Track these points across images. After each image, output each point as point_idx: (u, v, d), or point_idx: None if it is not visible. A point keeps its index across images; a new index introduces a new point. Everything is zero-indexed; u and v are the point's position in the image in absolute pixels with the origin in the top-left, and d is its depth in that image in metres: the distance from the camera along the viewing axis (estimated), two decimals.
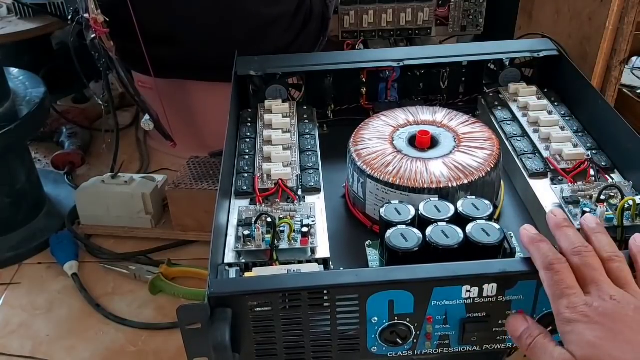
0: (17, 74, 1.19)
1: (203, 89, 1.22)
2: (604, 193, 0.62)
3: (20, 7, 1.35)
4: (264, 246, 0.60)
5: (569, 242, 0.52)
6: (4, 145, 1.07)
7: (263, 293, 0.52)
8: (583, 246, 0.51)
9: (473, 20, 1.30)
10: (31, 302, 1.04)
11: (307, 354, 0.56)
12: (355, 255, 0.64)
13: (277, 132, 0.77)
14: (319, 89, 0.87)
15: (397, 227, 0.59)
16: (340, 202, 0.73)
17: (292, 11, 1.15)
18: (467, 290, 0.53)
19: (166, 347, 0.95)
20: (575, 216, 0.61)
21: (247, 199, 0.69)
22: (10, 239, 1.15)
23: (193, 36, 1.15)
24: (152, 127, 1.14)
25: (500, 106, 0.82)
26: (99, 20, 1.00)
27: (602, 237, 0.53)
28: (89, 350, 0.95)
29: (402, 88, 0.89)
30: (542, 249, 0.51)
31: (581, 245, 0.51)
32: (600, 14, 0.96)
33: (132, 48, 1.11)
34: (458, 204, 0.61)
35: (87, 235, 1.16)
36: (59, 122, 1.43)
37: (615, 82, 1.00)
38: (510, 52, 0.87)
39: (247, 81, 0.85)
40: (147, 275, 1.05)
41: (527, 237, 0.54)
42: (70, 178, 1.30)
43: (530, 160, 0.71)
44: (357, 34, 1.28)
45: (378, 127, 0.73)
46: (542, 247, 0.52)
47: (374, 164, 0.67)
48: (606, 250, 0.51)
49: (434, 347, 0.56)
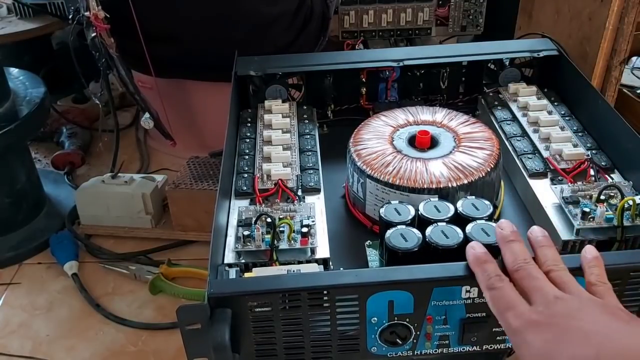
0: (17, 74, 1.19)
1: (203, 89, 1.22)
2: (604, 193, 0.62)
3: (20, 7, 1.35)
4: (264, 246, 0.60)
5: (512, 258, 0.51)
6: (4, 145, 1.07)
7: (263, 293, 0.52)
8: (524, 261, 0.50)
9: (473, 20, 1.30)
10: (31, 302, 1.04)
11: (307, 354, 0.56)
12: (355, 255, 0.64)
13: (277, 132, 0.77)
14: (319, 89, 0.87)
15: (397, 227, 0.59)
16: (340, 202, 0.73)
17: (292, 10, 1.15)
18: (467, 290, 0.53)
19: (166, 347, 0.95)
20: (575, 216, 0.61)
21: (247, 199, 0.69)
22: (10, 239, 1.15)
23: (193, 35, 1.15)
24: (152, 126, 1.13)
25: (500, 106, 0.82)
26: (100, 16, 1.00)
27: (547, 251, 0.52)
28: (89, 350, 0.95)
29: (402, 88, 0.89)
30: (486, 270, 0.50)
31: (522, 260, 0.50)
32: (600, 14, 0.96)
33: (132, 47, 1.11)
34: (458, 204, 0.61)
35: (87, 235, 1.16)
36: (59, 122, 1.43)
37: (615, 82, 1.00)
38: (510, 52, 0.87)
39: (247, 81, 0.85)
40: (147, 275, 1.05)
41: (473, 258, 0.52)
42: (70, 178, 1.30)
43: (530, 160, 0.71)
44: (357, 34, 1.28)
45: (378, 127, 0.73)
46: (487, 268, 0.51)
47: (373, 164, 0.67)
48: (548, 263, 0.51)
49: (433, 347, 0.56)
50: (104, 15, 1.01)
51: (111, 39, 1.04)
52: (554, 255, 0.51)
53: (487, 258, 0.52)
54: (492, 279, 0.50)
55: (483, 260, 0.51)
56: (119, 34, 1.06)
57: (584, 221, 0.61)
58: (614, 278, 0.54)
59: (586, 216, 0.61)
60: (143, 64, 1.13)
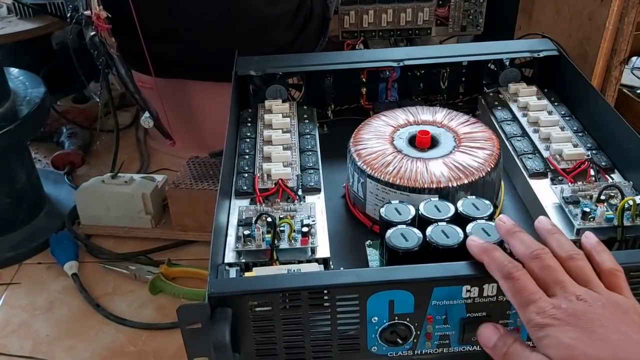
0: (17, 74, 1.19)
1: (203, 89, 1.22)
2: (604, 193, 0.62)
3: (20, 7, 1.35)
4: (264, 246, 0.60)
5: (525, 247, 0.51)
6: (4, 145, 1.07)
7: (263, 293, 0.52)
8: (540, 249, 0.50)
9: (473, 20, 1.30)
10: (31, 302, 1.04)
11: (307, 354, 0.56)
12: (355, 255, 0.64)
13: (277, 132, 0.77)
14: (319, 89, 0.87)
15: (397, 227, 0.59)
16: (340, 202, 0.73)
17: (292, 11, 1.15)
18: (467, 290, 0.53)
19: (166, 347, 0.95)
20: (576, 216, 0.61)
21: (247, 198, 0.69)
22: (10, 239, 1.15)
23: (193, 34, 1.15)
24: (152, 125, 1.13)
25: (500, 106, 0.82)
26: (102, 16, 1.00)
27: (560, 237, 0.52)
28: (89, 350, 0.95)
29: (402, 88, 0.89)
30: (497, 258, 0.50)
31: (538, 247, 0.51)
32: (600, 14, 0.96)
33: (132, 47, 1.11)
34: (458, 204, 0.61)
35: (87, 235, 1.16)
36: (59, 122, 1.42)
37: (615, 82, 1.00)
38: (510, 52, 0.87)
39: (247, 81, 0.85)
40: (147, 275, 1.05)
41: (478, 247, 0.52)
42: (70, 178, 1.30)
43: (530, 160, 0.71)
44: (357, 34, 1.28)
45: (378, 127, 0.73)
46: (497, 255, 0.51)
47: (374, 164, 0.67)
48: (565, 249, 0.51)
49: (434, 347, 0.56)
50: (105, 15, 1.01)
51: (112, 39, 1.04)
52: (569, 243, 0.52)
53: (492, 246, 0.52)
54: (507, 267, 0.49)
55: (491, 248, 0.51)
56: (119, 33, 1.06)
57: (584, 221, 0.61)
58: None
59: (586, 216, 0.61)
60: (143, 64, 1.13)
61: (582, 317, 0.46)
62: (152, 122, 1.13)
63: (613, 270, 0.50)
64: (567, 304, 0.47)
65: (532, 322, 0.47)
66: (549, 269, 0.49)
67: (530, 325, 0.47)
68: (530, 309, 0.47)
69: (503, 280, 0.50)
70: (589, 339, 0.45)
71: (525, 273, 0.49)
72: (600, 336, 0.45)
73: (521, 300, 0.48)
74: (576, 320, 0.46)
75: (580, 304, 0.47)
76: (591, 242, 0.52)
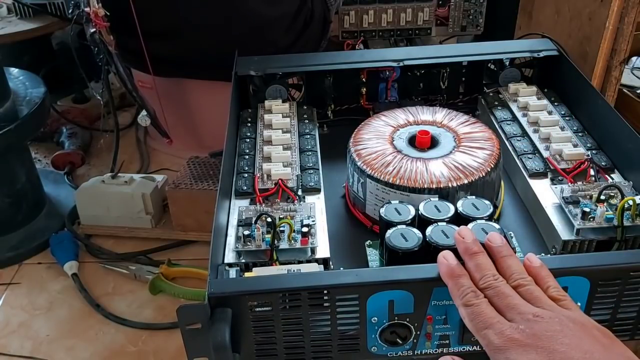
0: (17, 74, 1.19)
1: (203, 88, 1.22)
2: (604, 193, 0.62)
3: (20, 7, 1.35)
4: (264, 246, 0.60)
5: (479, 274, 0.51)
6: (4, 145, 1.07)
7: (263, 293, 0.52)
8: (492, 277, 0.50)
9: (473, 20, 1.30)
10: (31, 302, 1.04)
11: (307, 354, 0.56)
12: (355, 255, 0.64)
13: (277, 132, 0.77)
14: (319, 89, 0.87)
15: (397, 227, 0.59)
16: (340, 202, 0.73)
17: (292, 12, 1.15)
18: None
19: (166, 347, 0.95)
20: (575, 216, 0.61)
21: (247, 199, 0.69)
22: (10, 239, 1.15)
23: (193, 33, 1.15)
24: (149, 123, 1.13)
25: (500, 106, 0.82)
26: (100, 13, 1.00)
27: (510, 261, 0.52)
28: (89, 350, 0.95)
29: (402, 88, 0.89)
30: (462, 285, 0.50)
31: (490, 276, 0.50)
32: (600, 14, 0.96)
33: (131, 45, 1.11)
34: (458, 204, 0.61)
35: (87, 235, 1.16)
36: (59, 122, 1.43)
37: (615, 82, 1.00)
38: (510, 52, 0.87)
39: (247, 81, 0.85)
40: (147, 275, 1.05)
41: (446, 270, 0.52)
42: (70, 178, 1.30)
43: (530, 160, 0.71)
44: (357, 34, 1.28)
45: (378, 127, 0.73)
46: (461, 282, 0.50)
47: (374, 164, 0.67)
48: (514, 277, 0.50)
49: (434, 347, 0.56)
50: (104, 12, 1.01)
51: (110, 37, 1.04)
52: (518, 267, 0.51)
53: (460, 271, 0.51)
54: (468, 296, 0.49)
55: (457, 274, 0.51)
56: (118, 31, 1.06)
57: (584, 221, 0.61)
58: (614, 278, 0.54)
59: (586, 216, 0.61)
60: (142, 63, 1.13)
61: (542, 337, 0.45)
62: (149, 121, 1.13)
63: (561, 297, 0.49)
64: (525, 324, 0.46)
65: (492, 345, 0.46)
66: (501, 296, 0.49)
67: (490, 349, 0.46)
68: (489, 332, 0.47)
69: (462, 308, 0.49)
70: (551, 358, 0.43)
71: (484, 300, 0.49)
72: (562, 355, 0.44)
73: (478, 324, 0.48)
74: (536, 340, 0.45)
75: (538, 321, 0.46)
76: (535, 266, 0.52)
